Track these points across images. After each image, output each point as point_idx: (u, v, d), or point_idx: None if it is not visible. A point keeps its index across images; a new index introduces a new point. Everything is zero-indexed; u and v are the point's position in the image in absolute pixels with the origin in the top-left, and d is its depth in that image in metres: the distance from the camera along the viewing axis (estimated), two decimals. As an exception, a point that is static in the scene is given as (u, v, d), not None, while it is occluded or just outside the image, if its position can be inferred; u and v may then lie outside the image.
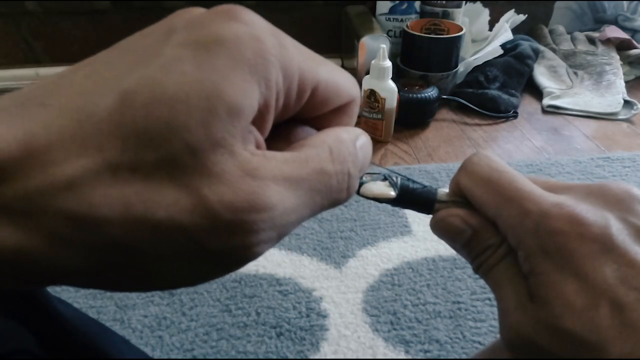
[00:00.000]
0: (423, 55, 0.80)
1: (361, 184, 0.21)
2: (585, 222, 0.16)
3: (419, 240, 0.52)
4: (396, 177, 0.22)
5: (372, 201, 0.22)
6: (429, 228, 0.22)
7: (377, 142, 0.72)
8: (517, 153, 0.70)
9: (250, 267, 0.49)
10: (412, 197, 0.21)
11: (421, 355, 0.41)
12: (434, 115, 0.79)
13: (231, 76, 0.12)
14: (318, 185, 0.14)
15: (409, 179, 0.22)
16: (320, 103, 0.15)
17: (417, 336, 0.42)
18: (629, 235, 0.16)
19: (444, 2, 0.83)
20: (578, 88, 0.86)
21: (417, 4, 0.86)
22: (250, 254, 0.13)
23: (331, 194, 0.14)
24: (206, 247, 0.12)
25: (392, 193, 0.21)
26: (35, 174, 0.11)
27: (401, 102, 0.71)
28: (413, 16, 0.87)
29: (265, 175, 0.12)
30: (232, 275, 0.48)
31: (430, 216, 0.22)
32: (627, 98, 0.81)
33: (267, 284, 0.47)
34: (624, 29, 0.96)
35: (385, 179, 0.21)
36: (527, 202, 0.18)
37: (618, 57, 0.89)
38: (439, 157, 0.69)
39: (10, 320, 0.24)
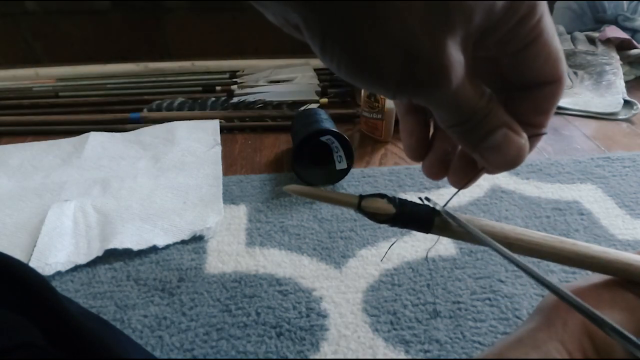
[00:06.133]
0: (423, 55, 0.80)
1: (361, 199, 0.21)
2: None
3: (419, 240, 0.52)
4: (393, 197, 0.22)
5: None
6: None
7: (377, 142, 0.72)
8: (517, 153, 0.70)
9: (250, 267, 0.49)
10: (411, 214, 0.22)
11: (421, 355, 0.41)
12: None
13: None
14: None
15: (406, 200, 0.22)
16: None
17: (417, 336, 0.42)
18: None
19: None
20: (578, 88, 0.86)
21: (417, 4, 0.86)
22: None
23: None
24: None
25: (392, 209, 0.21)
26: None
27: (401, 102, 0.71)
28: (413, 16, 0.87)
29: None
30: (232, 275, 0.48)
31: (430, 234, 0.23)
32: (627, 98, 0.81)
33: (267, 284, 0.47)
34: (624, 29, 0.96)
35: (383, 197, 0.22)
36: None
37: (618, 57, 0.89)
38: (439, 157, 0.69)
39: (18, 315, 0.25)
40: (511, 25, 0.16)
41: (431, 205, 0.22)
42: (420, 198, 0.23)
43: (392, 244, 0.52)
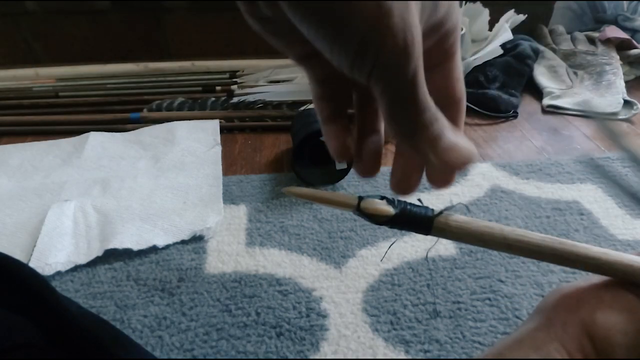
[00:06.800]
0: (423, 55, 0.80)
1: (360, 200, 0.21)
2: None
3: (419, 240, 0.52)
4: (392, 198, 0.22)
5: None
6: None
7: (377, 142, 0.72)
8: (517, 153, 0.70)
9: (250, 267, 0.49)
10: (410, 216, 0.22)
11: (421, 355, 0.41)
12: (434, 115, 0.79)
13: None
14: None
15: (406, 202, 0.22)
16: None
17: (417, 336, 0.42)
18: None
19: (444, 2, 0.82)
20: (578, 88, 0.86)
21: (417, 4, 0.86)
22: None
23: None
24: None
25: (392, 210, 0.21)
26: None
27: (401, 102, 0.71)
28: (413, 16, 0.87)
29: None
30: (232, 275, 0.48)
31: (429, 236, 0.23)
32: (627, 98, 0.81)
33: (267, 284, 0.47)
34: (624, 29, 0.96)
35: (382, 198, 0.22)
36: None
37: (618, 57, 0.89)
38: (439, 157, 0.69)
39: (18, 315, 0.25)
40: (442, 33, 0.17)
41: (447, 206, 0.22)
42: (418, 199, 0.23)
43: (392, 244, 0.52)
